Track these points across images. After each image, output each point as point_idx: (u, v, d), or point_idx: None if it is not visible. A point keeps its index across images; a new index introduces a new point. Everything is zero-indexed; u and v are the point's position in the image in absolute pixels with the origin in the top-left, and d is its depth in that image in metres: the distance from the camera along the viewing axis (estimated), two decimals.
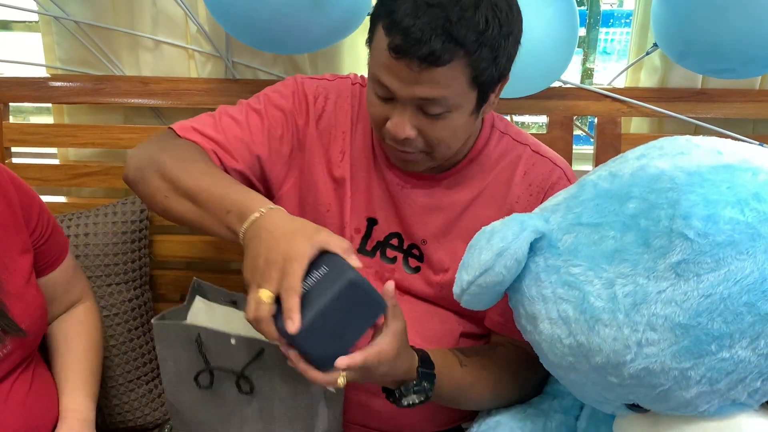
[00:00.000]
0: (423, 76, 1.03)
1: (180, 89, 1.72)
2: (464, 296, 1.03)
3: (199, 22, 1.68)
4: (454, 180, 1.25)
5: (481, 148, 1.25)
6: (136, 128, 1.75)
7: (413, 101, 1.07)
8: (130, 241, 1.59)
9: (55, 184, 1.76)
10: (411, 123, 1.09)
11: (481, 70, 1.05)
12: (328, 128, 1.28)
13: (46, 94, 1.73)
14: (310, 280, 0.94)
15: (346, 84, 1.30)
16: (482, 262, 0.98)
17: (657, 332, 0.89)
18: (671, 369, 0.89)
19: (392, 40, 1.02)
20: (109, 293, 1.56)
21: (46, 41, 1.77)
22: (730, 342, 0.87)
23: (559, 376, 1.06)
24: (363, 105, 1.28)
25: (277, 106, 1.27)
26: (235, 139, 1.22)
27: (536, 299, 1.00)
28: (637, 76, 1.78)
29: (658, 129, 1.81)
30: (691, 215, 0.87)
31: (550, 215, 1.03)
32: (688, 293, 0.87)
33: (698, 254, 0.86)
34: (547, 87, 1.64)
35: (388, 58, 1.04)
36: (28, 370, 1.22)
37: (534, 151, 1.28)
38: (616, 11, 2.09)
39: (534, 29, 1.47)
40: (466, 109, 1.10)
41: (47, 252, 1.27)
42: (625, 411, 1.02)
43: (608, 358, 0.93)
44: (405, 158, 1.16)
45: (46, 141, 1.75)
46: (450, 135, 1.12)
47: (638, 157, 1.01)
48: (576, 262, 0.96)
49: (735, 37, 1.44)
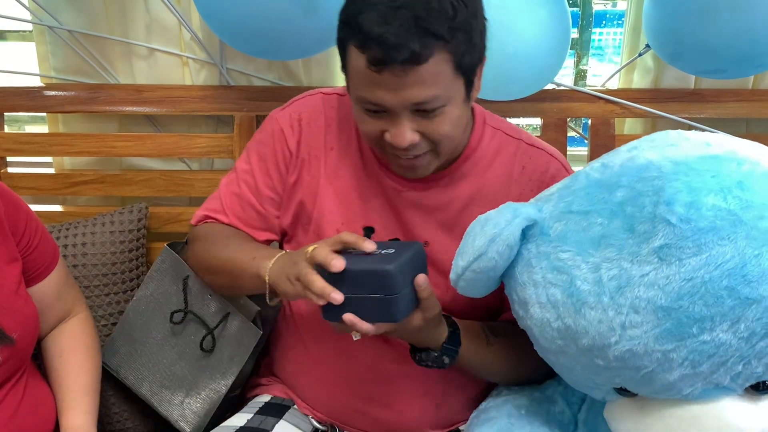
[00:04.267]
0: (410, 80, 1.03)
1: (174, 96, 1.72)
2: (460, 282, 1.06)
3: (193, 30, 1.69)
4: (451, 179, 1.25)
5: (475, 145, 1.25)
6: (132, 136, 1.75)
7: (407, 108, 1.07)
8: (128, 251, 1.59)
9: (50, 193, 1.76)
10: (410, 128, 1.09)
11: (461, 56, 1.05)
12: (308, 149, 1.28)
13: (40, 104, 1.73)
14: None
15: (315, 99, 1.31)
16: (476, 247, 1.02)
17: (640, 314, 0.92)
18: (654, 351, 0.92)
19: (369, 53, 1.02)
20: (107, 303, 1.56)
21: (40, 51, 1.77)
22: (711, 325, 0.89)
23: (551, 361, 1.09)
24: (340, 111, 1.28)
25: (262, 156, 1.30)
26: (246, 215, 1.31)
27: (527, 284, 1.04)
28: (630, 77, 1.79)
29: (651, 130, 1.81)
30: (674, 201, 0.90)
31: (543, 204, 1.07)
32: (670, 277, 0.90)
33: (680, 239, 0.89)
34: (541, 89, 1.64)
35: (371, 74, 1.04)
36: (20, 382, 1.21)
37: (529, 145, 1.28)
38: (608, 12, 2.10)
39: (526, 31, 1.48)
40: (458, 98, 1.10)
41: (36, 260, 1.26)
42: (614, 395, 1.05)
43: (594, 340, 0.96)
44: (413, 165, 1.16)
45: (42, 150, 1.75)
46: (451, 128, 1.11)
47: (629, 149, 1.05)
48: (565, 247, 1.00)
49: (726, 38, 1.45)
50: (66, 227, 1.59)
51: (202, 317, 1.39)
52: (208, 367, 1.40)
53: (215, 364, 1.39)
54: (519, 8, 1.48)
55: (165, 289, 1.43)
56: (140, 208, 1.63)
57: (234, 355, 1.38)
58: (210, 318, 1.39)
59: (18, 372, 1.21)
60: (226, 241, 1.26)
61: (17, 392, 1.20)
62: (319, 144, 1.27)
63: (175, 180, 1.74)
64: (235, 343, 1.37)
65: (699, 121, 1.71)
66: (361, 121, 1.13)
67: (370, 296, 1.01)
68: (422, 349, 1.16)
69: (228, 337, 1.38)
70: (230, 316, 1.38)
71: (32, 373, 1.27)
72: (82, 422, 1.27)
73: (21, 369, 1.22)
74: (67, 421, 1.26)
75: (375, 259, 1.02)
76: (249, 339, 1.36)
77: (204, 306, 1.40)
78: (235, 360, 1.38)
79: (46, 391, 1.28)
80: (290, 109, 1.30)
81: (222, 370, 1.39)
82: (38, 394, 1.26)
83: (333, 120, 1.28)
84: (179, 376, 1.41)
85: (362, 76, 1.06)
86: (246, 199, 1.30)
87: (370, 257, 1.03)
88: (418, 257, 1.07)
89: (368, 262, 1.02)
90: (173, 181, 1.74)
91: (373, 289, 1.00)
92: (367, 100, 1.08)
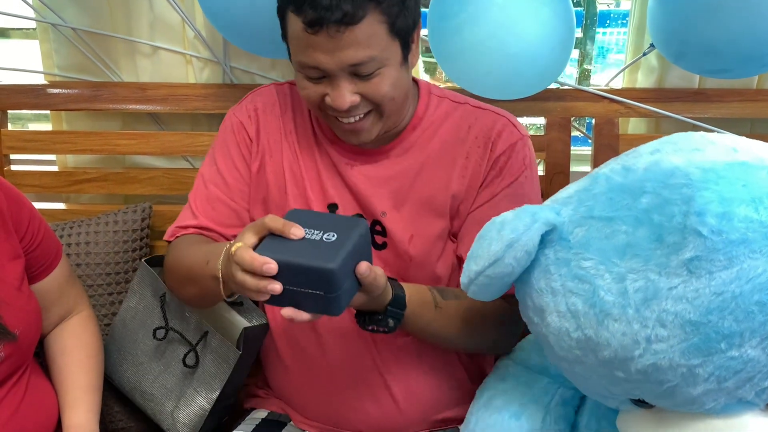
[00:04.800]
0: (344, 41, 1.07)
1: (178, 95, 1.72)
2: (471, 286, 1.02)
3: (197, 28, 1.69)
4: (401, 148, 1.27)
5: (422, 114, 1.28)
6: (135, 134, 1.75)
7: (344, 69, 1.10)
8: (131, 250, 1.59)
9: (53, 191, 1.77)
10: (349, 90, 1.12)
11: (395, 18, 1.09)
12: (267, 136, 1.31)
13: (44, 101, 1.73)
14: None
15: (268, 89, 1.35)
16: (492, 253, 0.98)
17: (667, 329, 0.88)
18: (679, 366, 0.89)
19: (305, 17, 1.06)
20: (110, 302, 1.56)
21: (43, 48, 1.77)
22: (740, 341, 0.86)
23: (564, 368, 1.06)
24: (293, 98, 1.32)
25: (226, 153, 1.32)
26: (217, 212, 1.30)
27: (545, 292, 0.99)
28: (634, 76, 1.78)
29: (655, 129, 1.81)
30: (706, 212, 0.86)
31: (561, 207, 1.02)
32: (699, 290, 0.86)
33: (711, 251, 0.85)
34: (545, 88, 1.64)
35: (307, 37, 1.08)
36: (22, 379, 1.21)
37: (474, 107, 1.30)
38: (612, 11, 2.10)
39: (530, 31, 1.47)
40: (394, 61, 1.14)
41: (39, 257, 1.26)
42: (630, 406, 1.02)
43: (616, 352, 0.92)
44: (356, 128, 1.18)
45: (45, 148, 1.75)
46: (390, 89, 1.14)
47: (652, 151, 1.00)
48: (587, 255, 0.95)
49: (731, 37, 1.44)
50: (69, 225, 1.59)
51: (183, 334, 1.38)
52: (193, 381, 1.38)
53: (200, 378, 1.37)
54: (522, 7, 1.47)
55: (147, 303, 1.42)
56: (144, 206, 1.63)
57: (218, 372, 1.36)
58: (191, 334, 1.38)
59: (20, 369, 1.21)
60: (187, 251, 1.23)
61: (19, 389, 1.20)
62: (278, 130, 1.31)
63: (179, 178, 1.74)
64: (218, 359, 1.35)
65: (703, 121, 1.70)
66: (303, 87, 1.17)
67: (309, 291, 0.96)
68: (366, 312, 1.13)
69: (211, 353, 1.36)
70: (209, 335, 1.35)
71: (35, 370, 1.27)
72: (84, 420, 1.27)
73: (23, 366, 1.22)
74: (70, 420, 1.26)
75: (314, 247, 0.96)
76: (230, 357, 1.34)
77: (184, 322, 1.38)
78: (219, 376, 1.36)
79: (49, 389, 1.28)
80: (245, 102, 1.35)
81: (207, 385, 1.37)
82: (40, 391, 1.26)
83: (287, 107, 1.32)
84: (168, 387, 1.41)
85: (299, 40, 1.10)
86: (215, 197, 1.30)
87: (308, 242, 0.97)
88: (362, 241, 1.01)
89: (306, 253, 0.96)
90: (177, 180, 1.74)
91: (313, 285, 0.95)
92: (306, 64, 1.12)
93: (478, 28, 1.45)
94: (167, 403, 1.40)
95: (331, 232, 0.98)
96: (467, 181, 1.26)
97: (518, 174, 1.26)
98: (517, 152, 1.26)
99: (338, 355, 1.30)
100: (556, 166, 1.69)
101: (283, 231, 0.97)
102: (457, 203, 1.26)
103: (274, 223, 0.98)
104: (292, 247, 0.96)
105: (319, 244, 0.97)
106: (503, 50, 1.47)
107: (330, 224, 1.00)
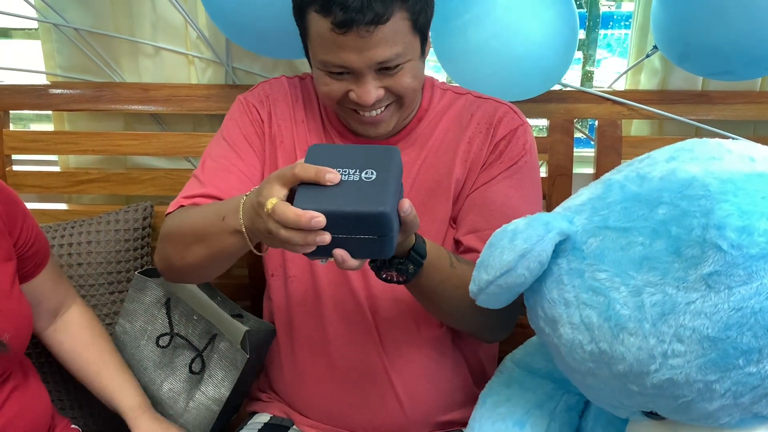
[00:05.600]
0: (373, 40, 1.08)
1: (180, 95, 1.72)
2: (481, 295, 1.00)
3: (199, 28, 1.68)
4: (408, 140, 1.29)
5: (426, 105, 1.30)
6: (137, 135, 1.75)
7: (372, 67, 1.12)
8: (133, 249, 1.59)
9: (55, 192, 1.76)
10: (375, 86, 1.14)
11: (418, 14, 1.12)
12: (278, 122, 1.31)
13: (46, 102, 1.73)
14: None
15: (279, 80, 1.36)
16: (504, 262, 0.95)
17: (684, 344, 0.87)
18: (696, 381, 0.87)
19: (334, 18, 1.07)
20: (111, 301, 1.56)
21: (46, 48, 1.77)
22: (758, 357, 0.85)
23: (575, 379, 1.04)
24: (303, 90, 1.34)
25: (237, 126, 1.30)
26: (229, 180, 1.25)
27: (558, 303, 0.98)
28: (637, 78, 1.78)
29: (658, 131, 1.80)
30: (726, 225, 0.84)
31: (574, 216, 1.00)
32: (718, 306, 0.85)
33: (731, 266, 0.84)
34: (548, 90, 1.64)
35: (335, 37, 1.08)
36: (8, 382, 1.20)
37: (476, 97, 1.32)
38: (615, 13, 2.09)
39: (534, 32, 1.47)
40: (415, 54, 1.16)
41: (31, 258, 1.26)
42: (641, 417, 1.01)
43: (631, 367, 0.91)
44: (376, 120, 1.20)
45: (47, 148, 1.75)
46: (412, 80, 1.17)
47: (668, 159, 0.98)
48: (602, 267, 0.94)
49: (735, 39, 1.44)
50: (71, 225, 1.59)
51: (189, 339, 1.38)
52: (200, 386, 1.37)
53: (207, 383, 1.37)
54: (526, 9, 1.47)
55: (149, 316, 1.42)
56: (145, 206, 1.62)
57: (225, 377, 1.35)
58: (197, 339, 1.37)
59: (6, 372, 1.20)
60: (193, 213, 1.18)
61: (11, 390, 1.20)
62: (289, 118, 1.32)
63: (181, 179, 1.72)
64: (226, 363, 1.34)
65: (707, 123, 1.70)
66: (324, 83, 1.17)
67: (359, 237, 0.90)
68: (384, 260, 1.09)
69: (218, 358, 1.35)
70: (217, 338, 1.35)
71: (25, 372, 1.26)
72: (141, 401, 1.32)
73: (9, 369, 1.21)
74: (125, 402, 1.30)
75: (357, 189, 0.90)
76: (239, 361, 1.33)
77: (190, 327, 1.38)
78: (226, 381, 1.35)
79: (41, 390, 1.28)
80: (256, 89, 1.36)
81: (214, 391, 1.36)
82: (31, 393, 1.25)
83: (298, 97, 1.33)
84: (175, 391, 1.40)
85: (325, 39, 1.10)
86: (225, 167, 1.26)
87: (348, 185, 0.90)
88: (400, 174, 0.95)
89: (351, 199, 0.89)
90: (179, 181, 1.73)
91: (364, 230, 0.90)
92: (332, 63, 1.12)
93: (481, 29, 1.45)
94: (173, 408, 1.40)
95: (368, 169, 0.91)
96: (469, 165, 1.27)
97: (517, 158, 1.27)
98: (518, 137, 1.27)
99: (344, 354, 1.30)
100: (559, 168, 1.69)
101: (318, 179, 0.90)
102: (459, 187, 1.28)
103: (305, 173, 0.90)
104: (333, 194, 0.89)
105: (361, 185, 0.90)
106: (507, 51, 1.47)
107: (362, 158, 0.93)
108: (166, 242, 1.21)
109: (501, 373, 1.24)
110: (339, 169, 0.91)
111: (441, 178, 1.27)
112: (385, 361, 1.29)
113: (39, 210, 1.69)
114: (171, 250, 1.19)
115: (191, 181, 1.27)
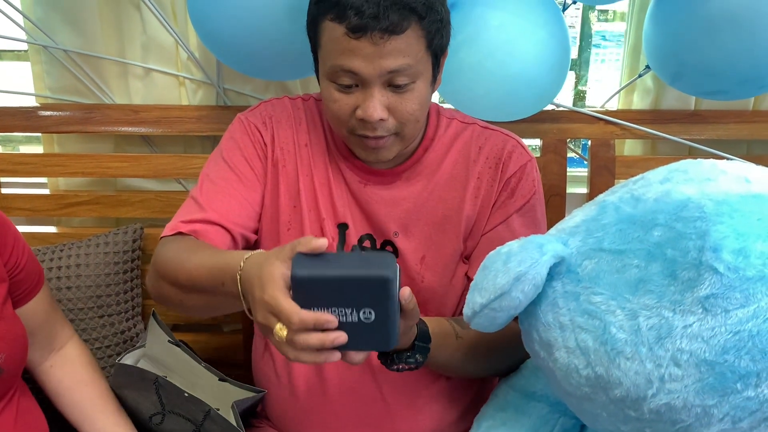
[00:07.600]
0: (387, 48, 1.07)
1: (171, 117, 1.71)
2: (475, 318, 0.99)
3: (190, 50, 1.68)
4: (413, 171, 1.27)
5: (432, 135, 1.28)
6: (127, 157, 1.73)
7: (381, 77, 1.10)
8: (122, 272, 1.57)
9: (45, 214, 1.75)
10: (381, 102, 1.12)
11: (433, 34, 1.11)
12: (281, 145, 1.29)
13: (35, 124, 1.71)
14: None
15: (282, 101, 1.33)
16: (498, 285, 0.95)
17: (681, 368, 0.86)
18: (694, 406, 0.87)
19: (348, 23, 1.06)
20: (101, 325, 1.54)
21: (35, 70, 1.76)
22: (756, 381, 0.84)
23: (571, 404, 1.03)
24: (307, 112, 1.31)
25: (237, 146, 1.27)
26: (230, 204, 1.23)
27: (553, 326, 0.97)
28: (629, 98, 1.78)
29: (651, 151, 1.80)
30: (722, 248, 0.84)
31: (568, 238, 1.00)
32: (715, 329, 0.84)
33: (728, 289, 0.83)
34: (540, 110, 1.63)
35: (348, 41, 1.07)
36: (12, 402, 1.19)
37: (483, 127, 1.31)
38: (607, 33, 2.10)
39: (526, 52, 1.47)
40: (426, 77, 1.15)
41: (23, 281, 1.24)
42: None
43: (628, 392, 0.90)
44: (376, 146, 1.17)
45: (36, 171, 1.73)
46: (418, 107, 1.15)
47: (662, 180, 0.98)
48: (597, 290, 0.93)
49: (728, 59, 1.44)
50: (60, 248, 1.57)
51: (183, 414, 1.29)
52: None
53: None
54: (519, 29, 1.47)
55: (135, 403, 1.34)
56: (135, 229, 1.61)
57: None
58: (192, 413, 1.28)
59: (10, 391, 1.19)
60: (189, 257, 1.12)
61: (10, 412, 1.18)
62: (292, 141, 1.29)
63: (171, 201, 1.72)
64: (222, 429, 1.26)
65: (700, 143, 1.70)
66: (333, 99, 1.15)
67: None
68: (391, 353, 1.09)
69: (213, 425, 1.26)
70: (212, 411, 1.24)
71: (23, 392, 1.25)
72: None
73: (12, 388, 1.20)
74: None
75: (358, 332, 0.86)
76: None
77: (182, 402, 1.28)
78: None
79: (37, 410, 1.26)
80: (258, 109, 1.32)
81: None
82: (30, 413, 1.24)
83: (302, 119, 1.31)
84: None
85: (338, 44, 1.09)
86: (225, 191, 1.24)
87: (347, 328, 0.86)
88: (396, 307, 0.90)
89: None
90: (169, 203, 1.72)
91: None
92: (342, 68, 1.10)
93: (475, 50, 1.45)
94: None
95: (366, 309, 0.87)
96: (480, 202, 1.26)
97: (530, 196, 1.27)
98: (528, 174, 1.27)
99: (340, 384, 1.28)
100: (553, 188, 1.68)
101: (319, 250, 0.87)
102: (470, 224, 1.27)
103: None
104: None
105: (361, 327, 0.87)
106: (500, 71, 1.47)
107: (356, 294, 0.87)
108: (162, 280, 1.15)
109: (496, 397, 1.23)
110: (333, 309, 0.87)
111: (450, 213, 1.26)
112: (384, 391, 1.28)
113: (28, 233, 1.67)
114: (169, 291, 1.15)
115: (189, 203, 1.25)
